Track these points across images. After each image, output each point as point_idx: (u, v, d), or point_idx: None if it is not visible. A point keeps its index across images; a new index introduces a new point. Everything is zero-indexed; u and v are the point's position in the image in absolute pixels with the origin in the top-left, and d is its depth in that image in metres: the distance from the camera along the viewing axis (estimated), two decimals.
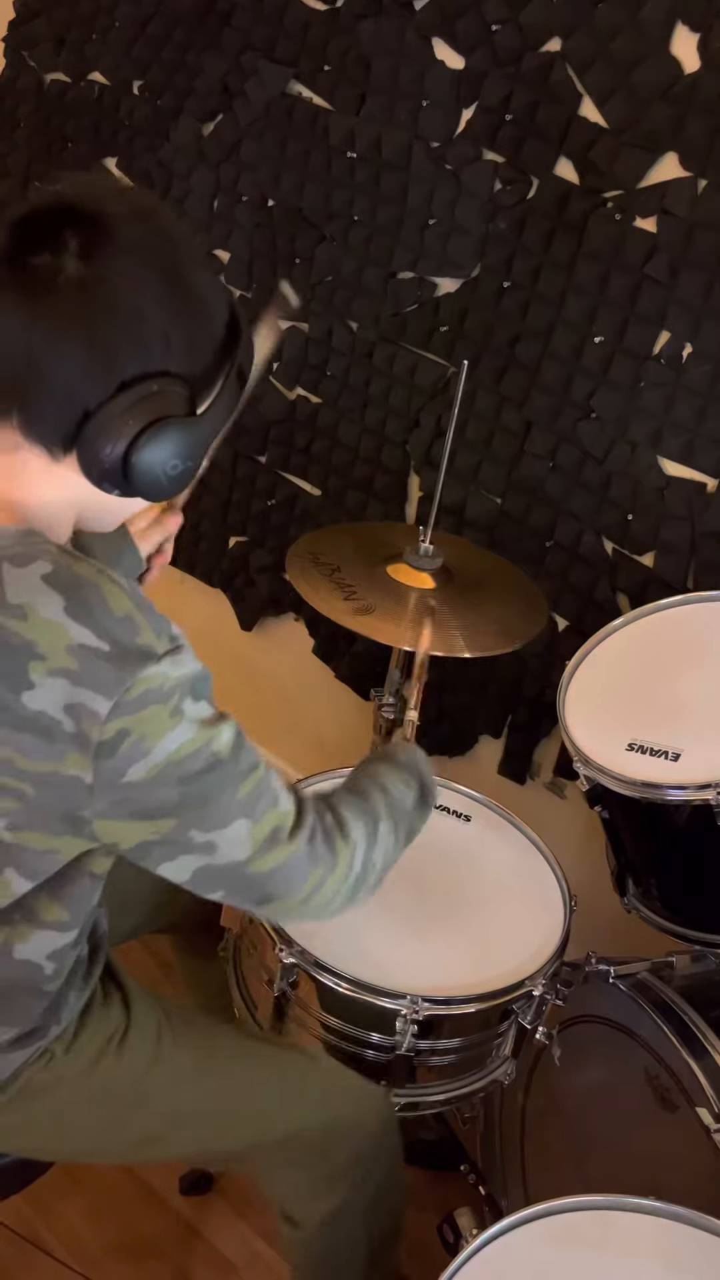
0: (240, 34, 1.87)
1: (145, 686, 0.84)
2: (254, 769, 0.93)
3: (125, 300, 0.83)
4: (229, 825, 0.91)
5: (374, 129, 1.74)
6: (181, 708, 0.87)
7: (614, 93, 1.49)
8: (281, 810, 0.94)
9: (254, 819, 0.92)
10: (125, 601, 0.85)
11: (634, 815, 1.37)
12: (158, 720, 0.85)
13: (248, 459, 2.13)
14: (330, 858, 0.97)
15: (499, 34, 1.57)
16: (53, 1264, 1.52)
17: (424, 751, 1.22)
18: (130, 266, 0.84)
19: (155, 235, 0.86)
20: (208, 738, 0.88)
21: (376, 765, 1.14)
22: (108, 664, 0.83)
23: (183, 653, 0.88)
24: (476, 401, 1.75)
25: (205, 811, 0.90)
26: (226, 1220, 1.64)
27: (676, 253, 1.49)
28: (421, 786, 1.14)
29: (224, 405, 0.91)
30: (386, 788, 1.09)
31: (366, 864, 1.02)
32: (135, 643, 0.84)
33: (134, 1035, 1.12)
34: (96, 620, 0.84)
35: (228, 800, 0.90)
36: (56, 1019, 1.06)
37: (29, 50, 2.21)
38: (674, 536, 1.61)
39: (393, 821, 1.07)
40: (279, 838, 0.93)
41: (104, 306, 0.83)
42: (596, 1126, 1.41)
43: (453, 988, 1.26)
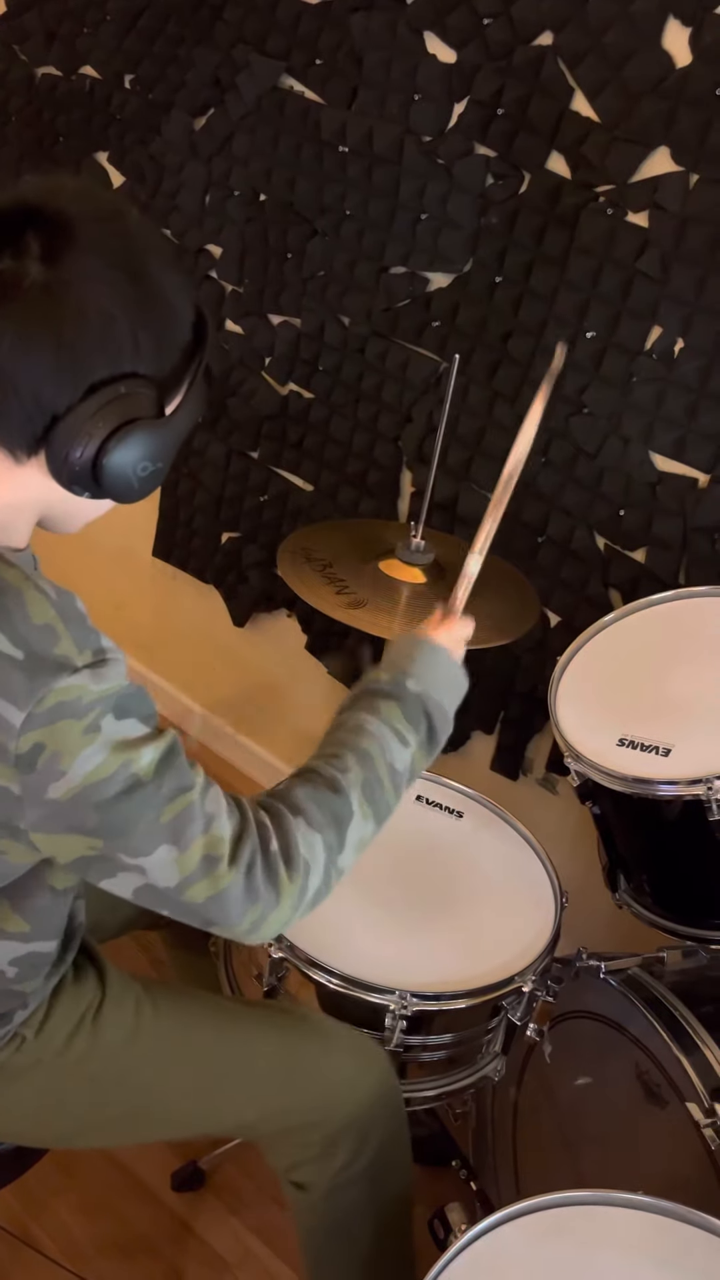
0: (232, 27, 1.86)
1: (59, 699, 0.82)
2: (182, 792, 0.88)
3: (91, 303, 0.83)
4: (152, 852, 0.87)
5: (366, 123, 1.73)
6: (99, 725, 0.84)
7: (606, 87, 1.49)
8: (214, 836, 0.88)
9: (180, 847, 0.87)
10: (47, 610, 0.83)
11: (625, 811, 1.37)
12: (71, 736, 0.83)
13: (240, 455, 2.13)
14: (271, 893, 0.90)
15: (490, 28, 1.57)
16: (44, 1261, 1.51)
17: (463, 632, 1.13)
18: (95, 269, 0.83)
19: (119, 237, 0.85)
20: (124, 759, 0.85)
21: (374, 707, 1.03)
22: (20, 673, 0.81)
23: (107, 667, 0.85)
24: (468, 397, 1.75)
25: (125, 838, 0.86)
26: (219, 1217, 1.64)
27: (668, 247, 1.49)
28: (430, 724, 1.03)
29: (191, 405, 0.90)
30: (372, 755, 0.99)
31: (328, 876, 0.95)
32: (51, 652, 0.82)
33: (109, 1009, 1.11)
34: (13, 627, 0.82)
35: (148, 827, 0.86)
36: (23, 1004, 1.05)
37: (20, 44, 2.20)
38: (666, 532, 1.61)
39: (372, 804, 0.98)
40: (212, 866, 0.88)
41: (70, 310, 0.82)
42: (587, 1122, 1.41)
43: (442, 983, 1.26)
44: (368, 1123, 1.18)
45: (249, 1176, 1.68)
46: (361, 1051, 1.20)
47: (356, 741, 1.00)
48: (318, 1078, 1.17)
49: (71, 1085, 1.10)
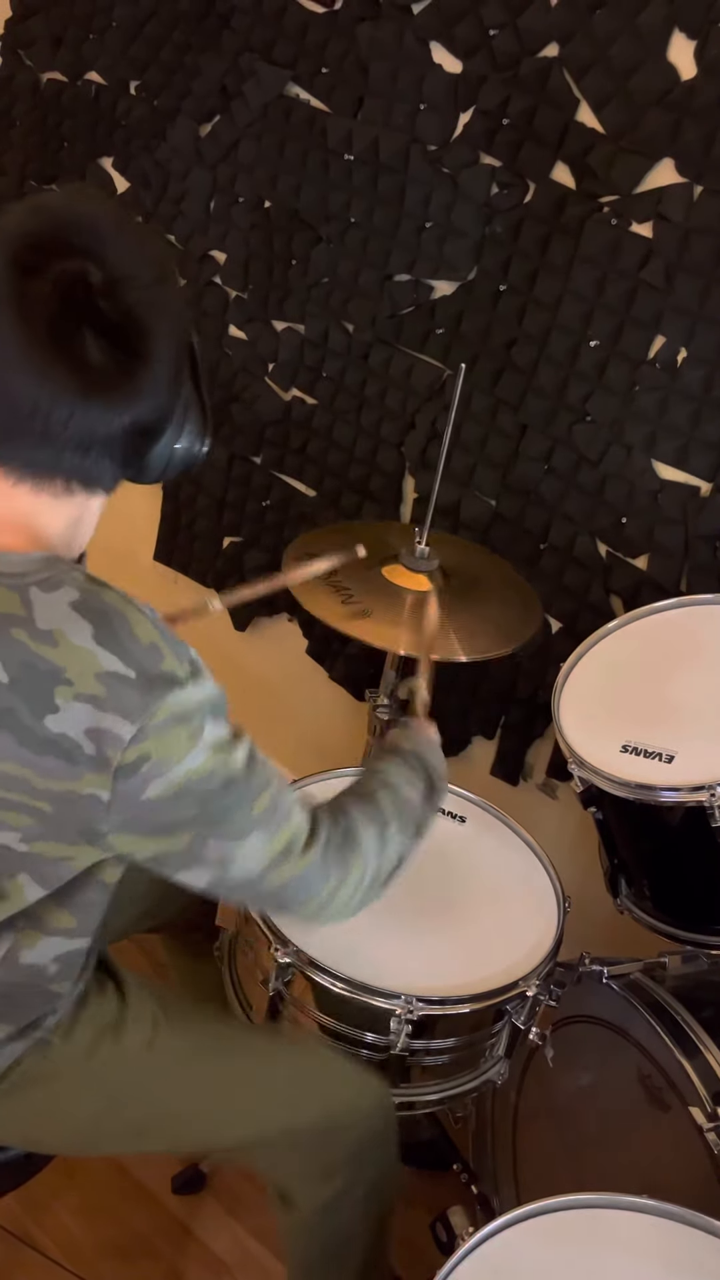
0: (238, 35, 1.87)
1: (169, 711, 0.87)
2: (267, 785, 0.95)
3: (147, 373, 0.88)
4: (245, 840, 0.93)
5: (371, 131, 1.74)
6: (202, 729, 0.89)
7: (611, 98, 1.50)
8: (295, 824, 0.97)
9: (269, 833, 0.94)
10: (150, 629, 0.88)
11: (627, 816, 1.38)
12: (178, 742, 0.88)
13: (243, 459, 2.14)
14: (342, 869, 1.00)
15: (497, 38, 1.58)
16: (45, 1263, 1.52)
17: (434, 732, 1.25)
18: (157, 329, 0.88)
19: (167, 295, 0.90)
20: (223, 758, 0.91)
21: (383, 762, 1.16)
22: (134, 690, 0.86)
23: (202, 676, 0.90)
24: (472, 404, 1.76)
25: (221, 828, 0.92)
26: (219, 1219, 1.65)
27: (672, 258, 1.50)
28: (429, 780, 1.16)
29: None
30: (393, 786, 1.11)
31: (379, 868, 1.05)
32: (160, 669, 0.87)
33: (130, 1023, 1.13)
34: (124, 648, 0.86)
35: (243, 817, 0.93)
36: (53, 1008, 1.07)
37: (26, 49, 2.20)
38: (667, 539, 1.62)
39: (401, 820, 1.09)
40: (293, 851, 0.96)
41: (130, 388, 0.87)
42: (589, 1126, 1.42)
43: (447, 988, 1.26)
44: (364, 1148, 1.20)
45: (249, 1179, 1.68)
46: (360, 1081, 1.23)
47: (378, 777, 1.13)
48: (319, 1103, 1.19)
49: (88, 1095, 1.11)
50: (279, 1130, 1.17)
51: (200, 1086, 1.15)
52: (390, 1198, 1.27)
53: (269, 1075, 1.19)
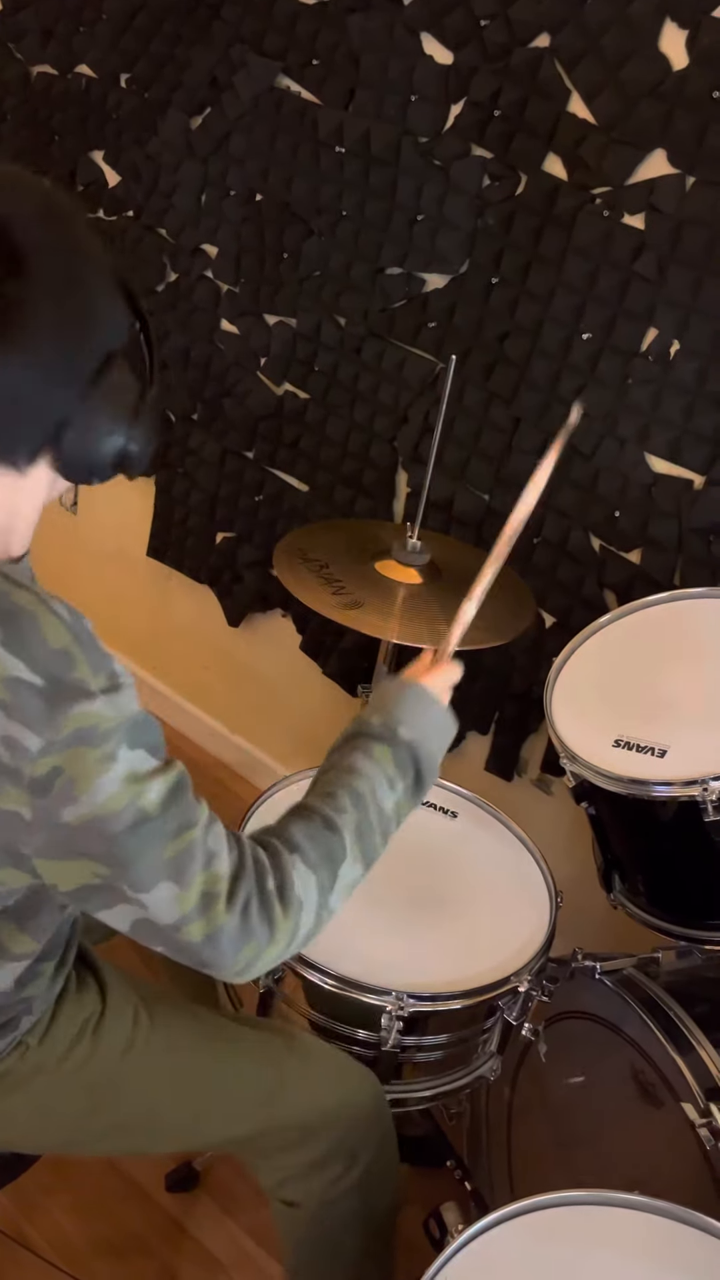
0: (229, 27, 1.86)
1: (77, 725, 0.81)
2: (187, 828, 0.86)
3: (74, 305, 0.83)
4: (153, 888, 0.85)
5: (362, 123, 1.74)
6: (115, 754, 0.83)
7: (603, 89, 1.49)
8: (215, 873, 0.87)
9: (180, 885, 0.86)
10: (64, 634, 0.82)
11: (620, 811, 1.37)
12: (87, 763, 0.82)
13: (235, 454, 2.13)
14: (265, 931, 0.90)
15: (488, 29, 1.57)
16: (38, 1262, 1.51)
17: (453, 676, 1.12)
18: (55, 266, 0.82)
19: (66, 232, 0.84)
20: (135, 793, 0.84)
21: (367, 749, 1.02)
22: (39, 699, 0.80)
23: (121, 693, 0.84)
24: (465, 398, 1.75)
25: (129, 871, 0.85)
26: (213, 1217, 1.64)
27: (664, 250, 1.50)
28: (417, 773, 1.04)
29: (158, 372, 0.92)
30: (365, 797, 0.99)
31: (320, 915, 0.95)
32: (69, 678, 0.81)
33: (110, 1019, 1.11)
34: (30, 652, 0.81)
35: (152, 862, 0.85)
36: (29, 1009, 1.05)
37: (16, 42, 2.19)
38: (661, 533, 1.61)
39: (363, 848, 0.98)
40: (210, 905, 0.87)
41: (52, 321, 0.82)
42: (582, 1122, 1.41)
43: (438, 984, 1.26)
44: (356, 1142, 1.19)
45: (243, 1178, 1.68)
46: (350, 1072, 1.21)
47: (350, 782, 1.00)
48: (305, 1097, 1.17)
49: (68, 1094, 1.10)
50: (267, 1123, 1.16)
51: (184, 1082, 1.14)
52: (388, 1186, 1.25)
53: (255, 1069, 1.17)
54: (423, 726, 1.05)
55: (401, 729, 1.03)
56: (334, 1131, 1.17)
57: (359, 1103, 1.20)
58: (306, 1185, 1.18)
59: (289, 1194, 1.20)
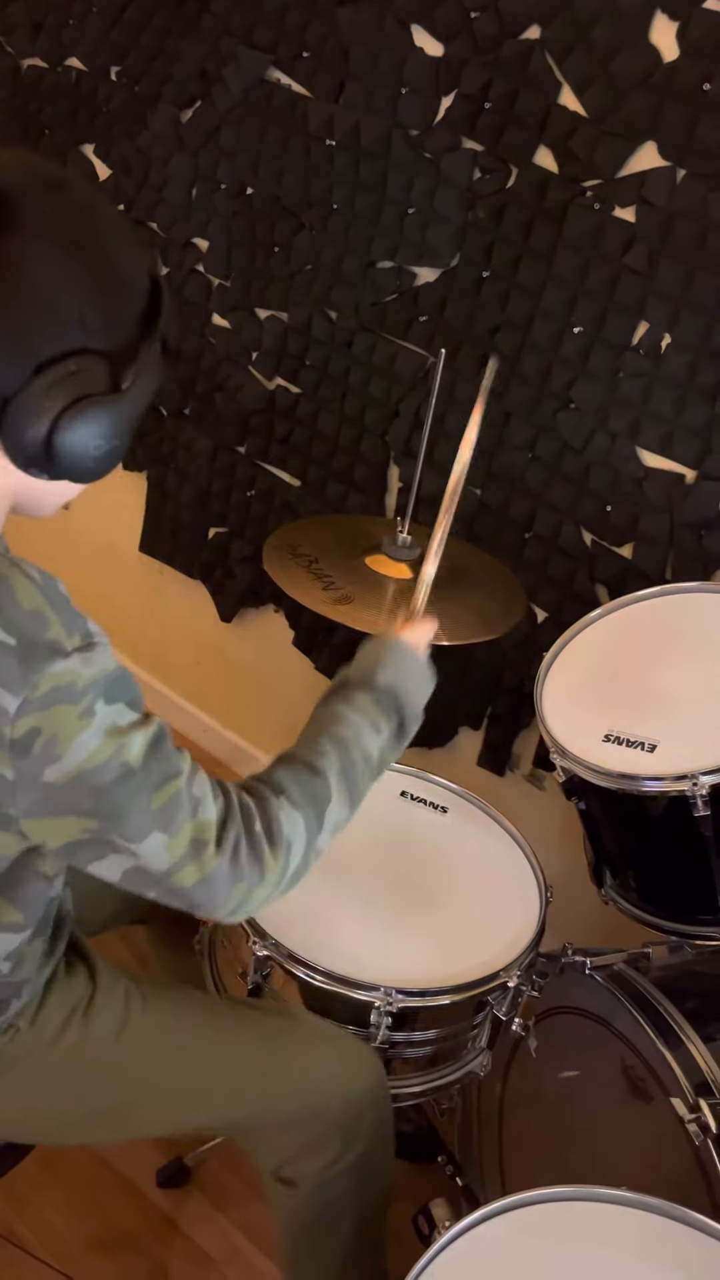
0: (218, 20, 1.85)
1: (53, 684, 0.82)
2: (171, 778, 0.89)
3: (33, 280, 0.81)
4: (144, 839, 0.88)
5: (353, 116, 1.73)
6: (93, 709, 0.84)
7: (593, 81, 1.49)
8: (202, 820, 0.90)
9: (169, 833, 0.88)
10: (35, 595, 0.83)
11: (611, 807, 1.37)
12: (66, 721, 0.83)
13: (227, 449, 2.12)
14: (255, 870, 0.93)
15: (478, 21, 1.56)
16: (29, 1259, 1.51)
17: (427, 632, 1.15)
18: (37, 244, 0.81)
19: (62, 208, 0.84)
20: (117, 746, 0.85)
21: (348, 702, 1.05)
22: (13, 659, 0.81)
23: (96, 650, 0.85)
24: (455, 392, 1.74)
25: (119, 823, 0.87)
26: (205, 1213, 1.64)
27: (655, 243, 1.49)
28: (399, 719, 1.07)
29: (148, 379, 0.89)
30: (348, 742, 1.02)
31: (308, 854, 0.98)
32: (43, 638, 0.82)
33: (100, 1001, 1.11)
34: (3, 614, 0.82)
35: (140, 813, 0.87)
36: (18, 994, 1.05)
37: (5, 36, 2.18)
38: (652, 527, 1.61)
39: (347, 787, 1.01)
40: (200, 851, 0.90)
41: (10, 289, 0.81)
42: (573, 1117, 1.41)
43: (427, 979, 1.26)
44: (354, 1121, 1.18)
45: (235, 1173, 1.68)
46: (348, 1051, 1.20)
47: (334, 729, 1.03)
48: (304, 1076, 1.17)
49: (60, 1078, 1.10)
50: (263, 1104, 1.15)
51: (177, 1063, 1.13)
52: (384, 1170, 1.25)
53: (253, 1048, 1.16)
54: (401, 672, 1.09)
55: (379, 674, 1.07)
56: (333, 1112, 1.16)
57: (359, 1084, 1.19)
58: (303, 1166, 1.18)
59: (286, 1174, 1.20)
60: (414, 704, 1.09)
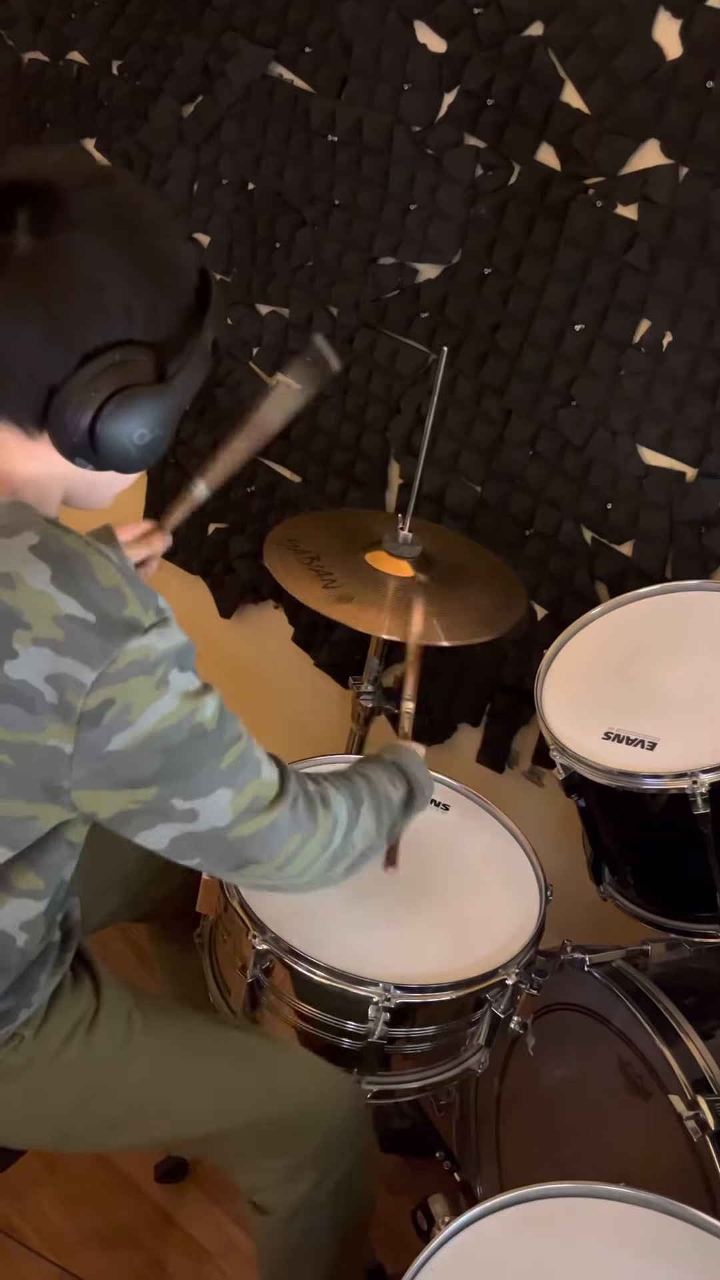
0: (221, 14, 1.85)
1: (130, 659, 0.84)
2: (237, 740, 0.93)
3: (81, 272, 0.82)
4: (211, 794, 0.92)
5: (355, 112, 1.72)
6: (167, 679, 0.86)
7: (596, 78, 1.48)
8: (264, 780, 0.96)
9: (236, 788, 0.93)
10: (113, 573, 0.85)
11: (610, 804, 1.37)
12: (143, 691, 0.85)
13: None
14: (311, 823, 0.99)
15: (481, 17, 1.56)
16: (26, 1253, 1.51)
17: (420, 750, 1.24)
18: (84, 237, 0.82)
19: (111, 203, 0.84)
20: (191, 708, 0.88)
21: (366, 763, 1.16)
22: (94, 635, 0.83)
23: (169, 625, 0.87)
24: (456, 389, 1.74)
25: (188, 781, 0.90)
26: (202, 1208, 1.64)
27: (657, 240, 1.49)
28: (410, 789, 1.15)
29: (194, 371, 0.90)
30: (372, 779, 1.12)
31: (346, 840, 1.04)
32: (122, 615, 0.84)
33: (104, 1018, 1.12)
34: (83, 591, 0.84)
35: (210, 770, 0.91)
36: (26, 1002, 1.06)
37: (6, 29, 2.18)
38: (653, 525, 1.61)
39: (375, 806, 1.08)
40: (259, 805, 0.95)
41: (59, 281, 0.82)
42: (571, 1114, 1.41)
43: (426, 975, 1.26)
44: (334, 1151, 1.20)
45: None
46: (331, 1082, 1.22)
47: (360, 769, 1.14)
48: (289, 1103, 1.18)
49: (60, 1089, 1.11)
50: (245, 1128, 1.17)
51: (170, 1085, 1.15)
52: (362, 1198, 1.27)
53: (242, 1071, 1.18)
54: (407, 759, 1.19)
55: (388, 755, 1.19)
56: (313, 1140, 1.18)
57: (339, 1113, 1.21)
58: (282, 1192, 1.20)
59: (263, 1200, 1.22)
60: (421, 782, 1.18)
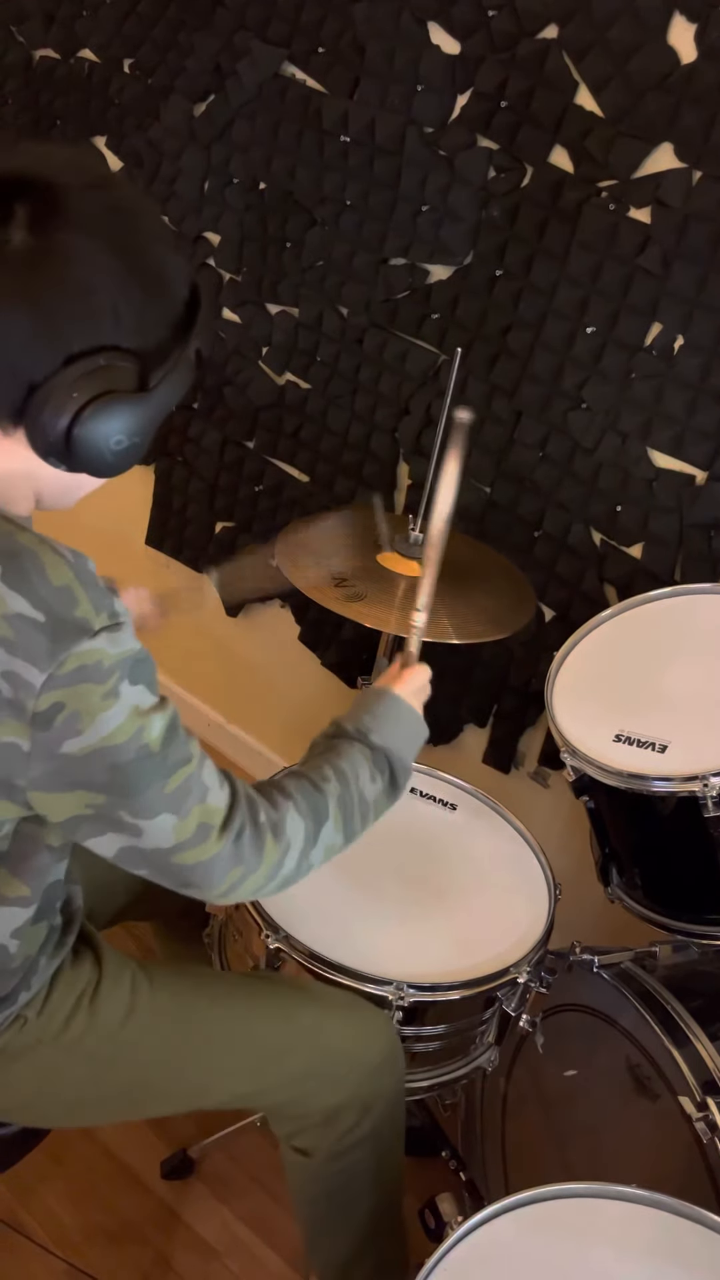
0: (233, 13, 1.85)
1: (79, 662, 0.83)
2: (184, 763, 0.92)
3: (73, 272, 0.82)
4: (154, 817, 0.90)
5: (368, 113, 1.73)
6: (118, 690, 0.86)
7: (610, 81, 1.49)
8: (210, 807, 0.93)
9: (179, 815, 0.91)
10: (65, 572, 0.84)
11: (620, 806, 1.38)
12: (91, 699, 0.85)
13: (235, 444, 2.12)
14: (256, 857, 0.96)
15: (495, 19, 1.56)
16: (32, 1248, 1.52)
17: (419, 680, 1.18)
18: (80, 239, 0.82)
19: (110, 208, 0.84)
20: (138, 727, 0.87)
21: (349, 743, 1.10)
22: (42, 635, 0.82)
23: (122, 630, 0.86)
24: (467, 390, 1.75)
25: (131, 800, 0.89)
26: (207, 1204, 1.65)
27: (670, 244, 1.49)
28: (391, 775, 1.11)
29: (176, 382, 0.90)
30: (348, 776, 1.06)
31: (301, 863, 1.01)
32: (72, 615, 0.83)
33: (106, 987, 1.12)
34: (33, 589, 0.83)
35: (154, 793, 0.90)
36: (26, 985, 1.06)
37: (18, 26, 2.18)
38: (662, 528, 1.61)
39: (345, 818, 1.05)
40: (205, 835, 0.93)
41: (50, 279, 0.82)
42: (578, 1114, 1.42)
43: (438, 974, 1.26)
44: (370, 1090, 1.19)
45: (237, 1165, 1.69)
46: (364, 1018, 1.21)
47: (334, 761, 1.07)
48: (319, 1048, 1.18)
49: (70, 1063, 1.11)
50: (278, 1078, 1.16)
51: (186, 1045, 1.14)
52: (398, 1142, 1.26)
53: (263, 1026, 1.17)
54: (394, 732, 1.12)
55: (374, 737, 1.11)
56: (349, 1081, 1.17)
57: (375, 1052, 1.20)
58: (319, 1135, 1.19)
59: (303, 1143, 1.21)
60: (404, 761, 1.13)
